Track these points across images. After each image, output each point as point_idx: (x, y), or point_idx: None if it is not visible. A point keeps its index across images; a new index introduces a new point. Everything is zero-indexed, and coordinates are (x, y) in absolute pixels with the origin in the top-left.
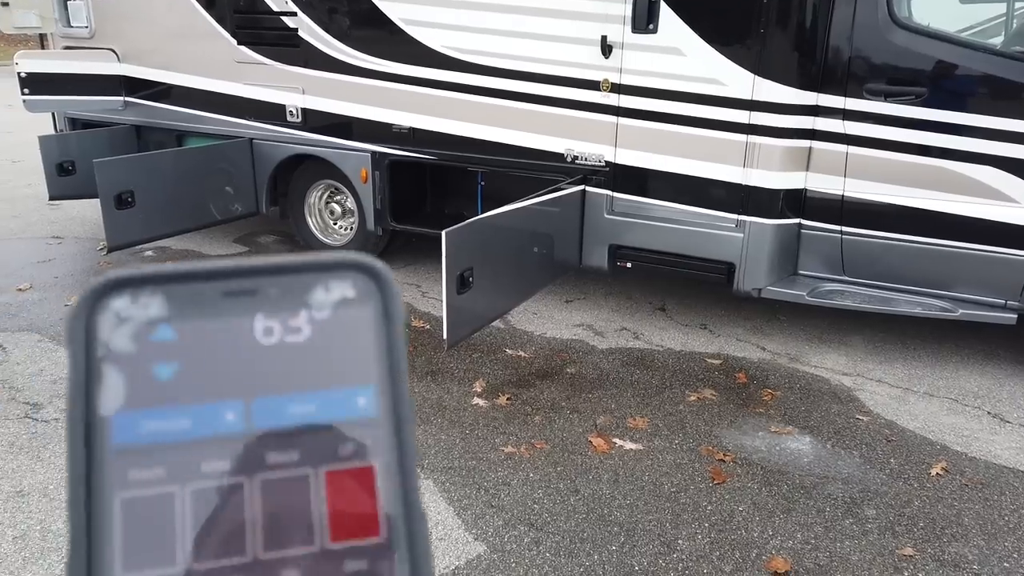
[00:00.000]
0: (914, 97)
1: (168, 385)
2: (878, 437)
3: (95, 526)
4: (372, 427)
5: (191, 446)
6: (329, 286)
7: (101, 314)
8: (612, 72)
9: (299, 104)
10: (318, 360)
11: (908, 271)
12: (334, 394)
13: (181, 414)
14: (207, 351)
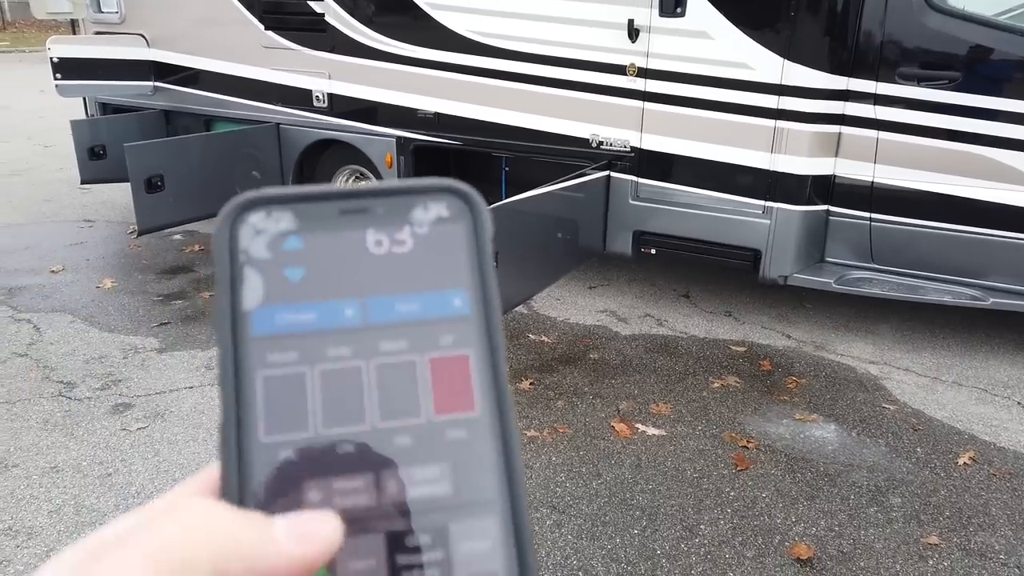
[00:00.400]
0: (947, 82)
1: (297, 286)
2: (904, 426)
3: (242, 399)
4: (466, 323)
5: (318, 336)
6: (428, 206)
7: (241, 227)
8: (639, 56)
9: (325, 89)
10: (420, 267)
11: (938, 259)
12: (434, 295)
13: (309, 309)
14: (328, 258)
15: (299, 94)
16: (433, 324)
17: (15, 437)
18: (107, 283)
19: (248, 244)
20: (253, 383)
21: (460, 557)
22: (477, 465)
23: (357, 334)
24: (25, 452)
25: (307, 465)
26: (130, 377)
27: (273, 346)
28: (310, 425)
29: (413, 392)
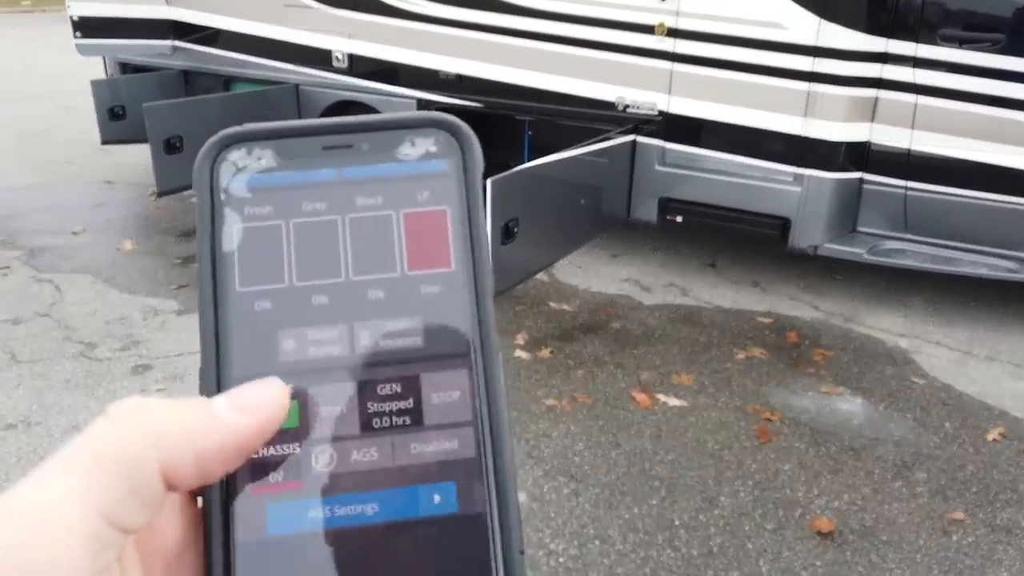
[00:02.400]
0: (991, 44)
1: (277, 222)
2: (933, 400)
3: (221, 329)
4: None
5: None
6: (415, 141)
7: (221, 164)
8: (668, 15)
9: (345, 49)
10: (407, 202)
11: (976, 230)
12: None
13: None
14: (311, 195)
15: (319, 54)
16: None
17: (38, 396)
18: (127, 245)
19: (228, 182)
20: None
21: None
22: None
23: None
24: (47, 411)
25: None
26: (150, 339)
27: (248, 201)
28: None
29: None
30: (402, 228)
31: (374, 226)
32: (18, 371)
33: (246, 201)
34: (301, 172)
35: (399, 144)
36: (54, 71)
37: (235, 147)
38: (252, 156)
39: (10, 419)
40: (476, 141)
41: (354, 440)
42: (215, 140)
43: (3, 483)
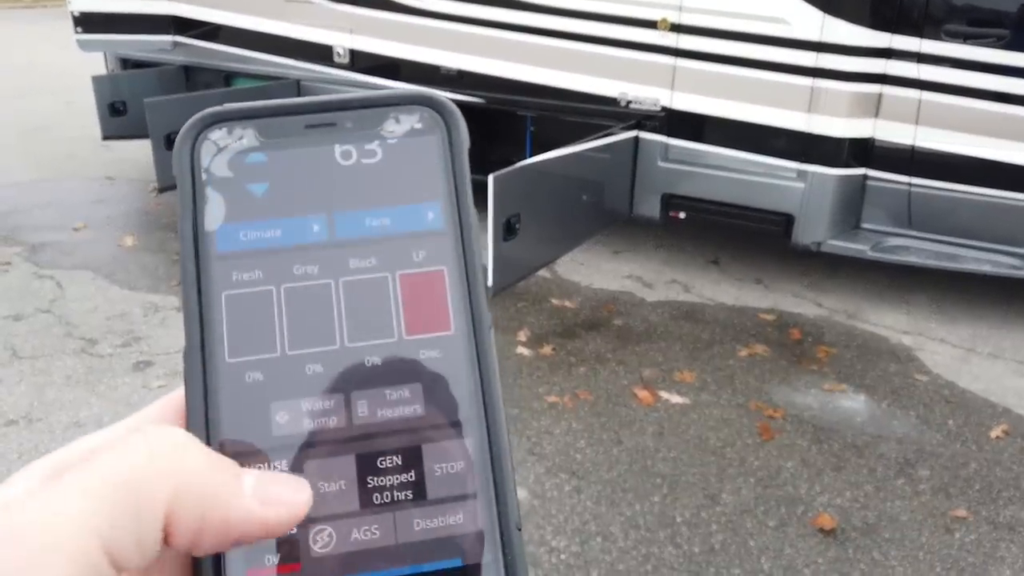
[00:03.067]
0: (996, 40)
1: (262, 203)
2: (937, 398)
3: (206, 320)
4: (440, 237)
5: (284, 252)
6: (400, 118)
7: (202, 144)
8: (671, 11)
9: (347, 45)
10: (391, 181)
11: (980, 226)
12: (406, 209)
13: (274, 226)
14: (294, 172)
15: (320, 50)
16: (405, 239)
17: (39, 392)
18: (128, 241)
19: (209, 162)
20: (218, 305)
21: (433, 479)
22: (452, 385)
23: (324, 250)
24: (48, 407)
25: (275, 387)
26: (151, 335)
27: (237, 264)
28: (276, 346)
29: (384, 310)
30: (392, 194)
31: (359, 198)
32: (19, 367)
33: (228, 181)
34: (282, 152)
35: (383, 121)
36: (55, 67)
37: (216, 127)
38: (233, 136)
39: (11, 415)
40: (461, 117)
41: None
42: (195, 120)
43: (3, 480)
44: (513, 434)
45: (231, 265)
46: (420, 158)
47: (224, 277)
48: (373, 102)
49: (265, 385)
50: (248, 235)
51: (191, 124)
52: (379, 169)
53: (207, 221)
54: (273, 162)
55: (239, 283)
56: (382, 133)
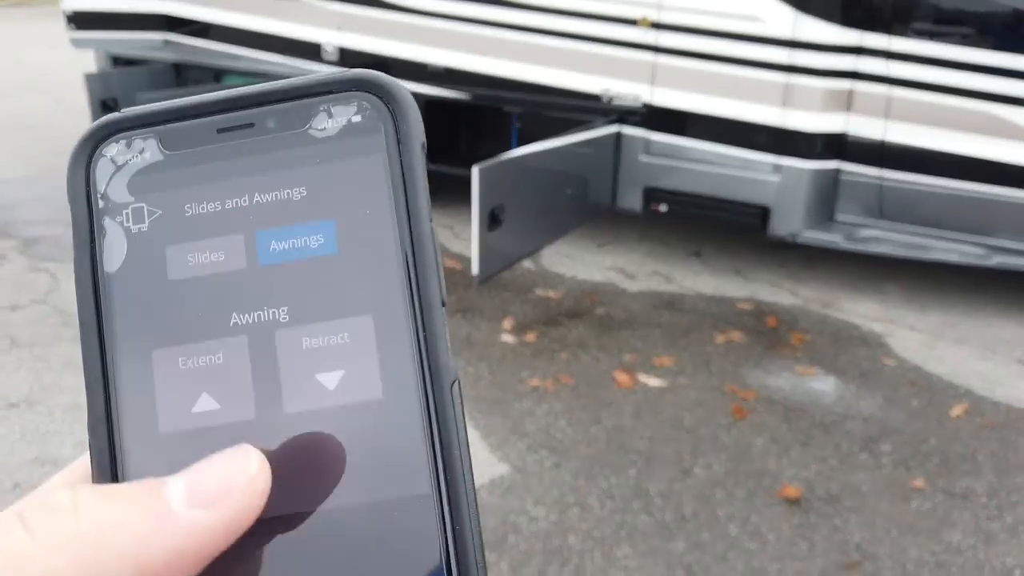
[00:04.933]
0: (960, 37)
1: (168, 232)
2: (903, 380)
3: (111, 382)
4: (383, 264)
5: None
6: (332, 111)
7: (97, 163)
8: (651, 8)
9: (335, 42)
10: (323, 192)
11: (948, 217)
12: (342, 228)
13: (184, 261)
14: (204, 192)
15: (309, 47)
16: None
17: (37, 377)
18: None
19: (106, 185)
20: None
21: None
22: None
23: (244, 286)
24: (47, 391)
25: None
26: None
27: (142, 310)
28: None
29: (308, 369)
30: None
31: (283, 219)
32: (18, 354)
33: (129, 207)
34: (191, 166)
35: (312, 116)
36: (42, 66)
37: (113, 140)
38: (133, 149)
39: (12, 399)
40: (412, 105)
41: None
42: (89, 133)
43: (8, 458)
44: (497, 415)
45: (137, 311)
46: (359, 161)
47: (128, 328)
48: (298, 92)
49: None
50: (155, 274)
51: (83, 139)
52: (307, 179)
53: (107, 260)
54: (180, 180)
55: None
56: (311, 132)
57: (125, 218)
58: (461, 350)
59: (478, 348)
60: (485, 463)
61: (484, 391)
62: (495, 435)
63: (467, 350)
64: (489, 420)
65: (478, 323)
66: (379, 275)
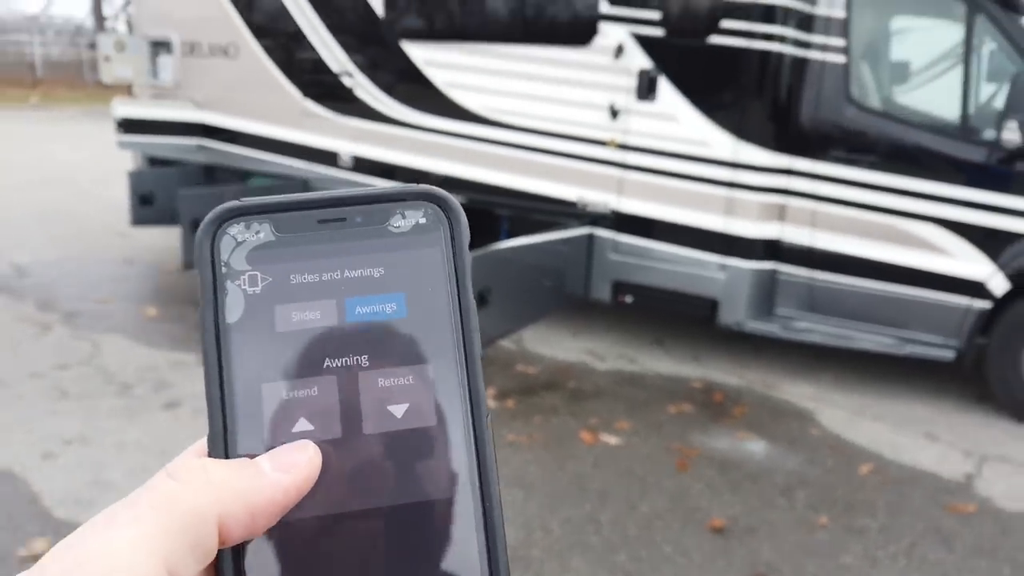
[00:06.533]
0: (868, 163)
1: (277, 294)
2: (824, 445)
3: (228, 408)
4: (434, 250)
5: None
6: (406, 213)
7: (221, 239)
8: (618, 132)
9: (351, 151)
10: (398, 271)
11: (867, 312)
12: (412, 298)
13: (290, 316)
14: (307, 266)
15: (327, 155)
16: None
17: (88, 422)
18: (151, 311)
19: (229, 256)
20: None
21: None
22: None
23: (336, 339)
24: (97, 431)
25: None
26: (178, 383)
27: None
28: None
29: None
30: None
31: (368, 289)
32: (69, 404)
33: (246, 274)
34: (299, 247)
35: (390, 216)
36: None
37: (234, 221)
38: (251, 230)
39: (67, 437)
40: (462, 212)
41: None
42: (215, 215)
43: (69, 482)
44: None
45: (250, 354)
46: (425, 251)
47: (243, 365)
48: (381, 198)
49: None
50: (265, 326)
51: (210, 219)
52: (387, 261)
53: (227, 314)
54: (288, 256)
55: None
56: (389, 228)
57: (243, 282)
58: None
59: None
60: None
61: None
62: None
63: None
64: None
65: None
66: (436, 334)
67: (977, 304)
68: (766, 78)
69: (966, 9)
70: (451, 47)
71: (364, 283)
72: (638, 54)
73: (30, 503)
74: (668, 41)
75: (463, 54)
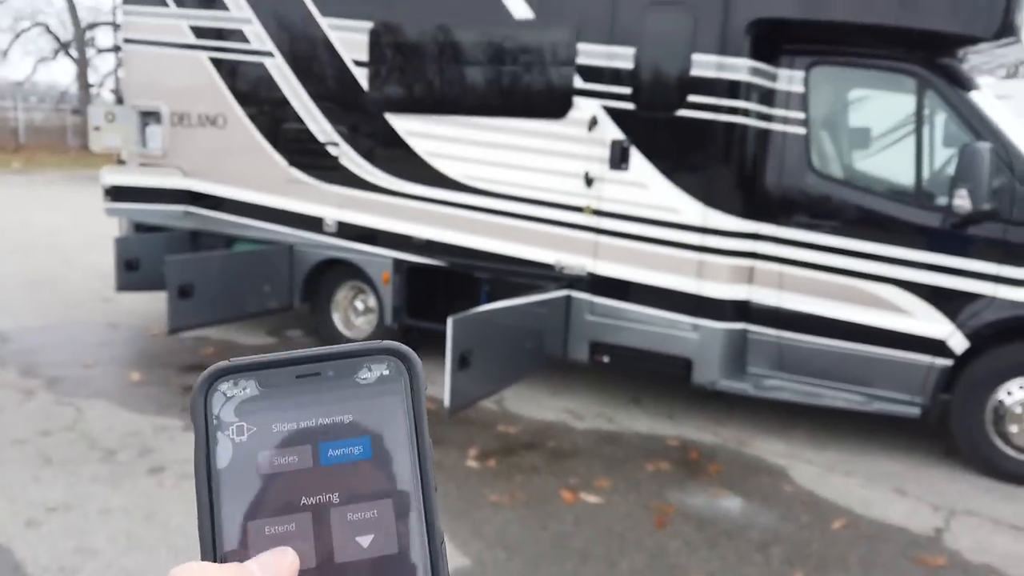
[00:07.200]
0: (830, 228)
1: (262, 441)
2: (797, 501)
3: (217, 540)
4: (396, 397)
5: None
6: (371, 367)
7: (213, 395)
8: (593, 199)
9: (336, 217)
10: (365, 417)
11: (835, 370)
12: (377, 439)
13: (271, 460)
14: (287, 415)
15: (312, 220)
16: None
17: (71, 488)
18: (135, 376)
19: (219, 410)
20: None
21: None
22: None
23: (312, 478)
24: (81, 498)
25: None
26: (162, 447)
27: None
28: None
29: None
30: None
31: (339, 434)
32: (53, 470)
33: (234, 425)
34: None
35: (358, 369)
36: (49, 227)
37: (224, 379)
38: (238, 387)
39: (51, 504)
40: (420, 364)
41: None
42: (208, 374)
43: (53, 548)
44: (461, 521)
45: (237, 494)
46: (388, 399)
47: (231, 505)
48: (350, 353)
49: None
50: (250, 470)
51: (204, 378)
52: (355, 409)
53: (218, 460)
54: (270, 408)
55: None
56: (357, 380)
57: (231, 432)
58: None
59: (447, 471)
60: (451, 556)
61: (451, 504)
62: (459, 536)
63: (437, 473)
64: (455, 525)
65: (448, 451)
66: (398, 472)
67: (939, 362)
68: (731, 149)
69: (916, 84)
70: (433, 119)
71: (335, 429)
72: (611, 126)
73: (14, 571)
74: (638, 114)
75: (445, 125)
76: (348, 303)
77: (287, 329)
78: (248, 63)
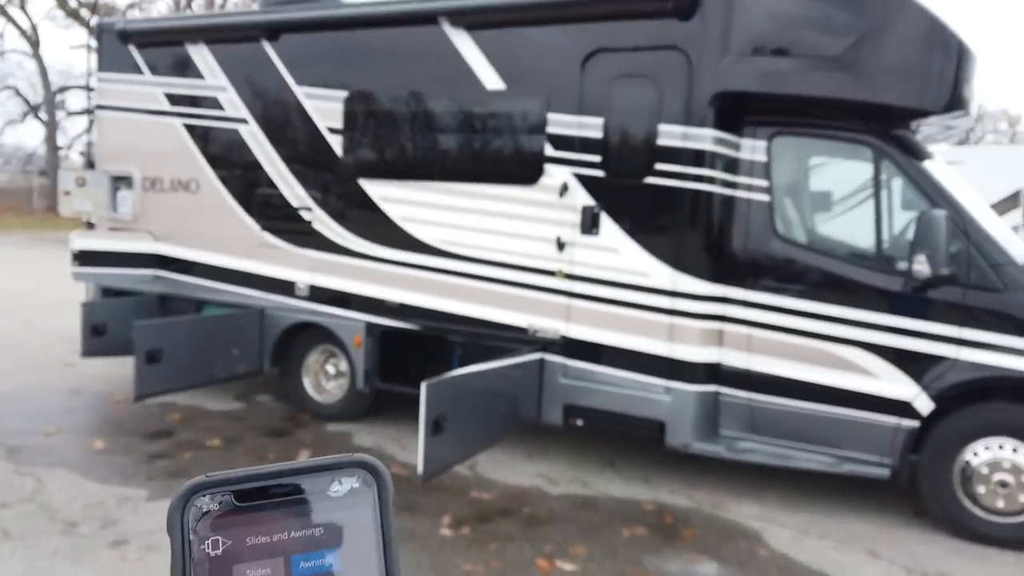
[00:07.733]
0: (796, 292)
1: (237, 555)
2: (772, 566)
3: None
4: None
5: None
6: (342, 480)
7: (189, 510)
8: (565, 263)
9: (307, 281)
10: (336, 527)
11: (805, 432)
12: (347, 551)
13: (241, 515)
14: (262, 528)
15: (284, 284)
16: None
17: (31, 563)
18: (98, 444)
19: (196, 524)
20: None
21: None
22: None
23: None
24: (41, 573)
25: None
26: (125, 519)
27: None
28: None
29: None
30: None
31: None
32: (11, 545)
33: (209, 539)
34: (254, 513)
35: (330, 483)
36: (11, 290)
37: (201, 494)
38: (215, 501)
39: None
40: (388, 476)
41: None
42: (185, 489)
43: None
44: None
45: None
46: (357, 511)
47: None
48: (322, 468)
49: None
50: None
51: (181, 493)
52: (326, 521)
53: (194, 573)
54: (244, 522)
55: None
56: (328, 493)
57: (207, 546)
58: (405, 542)
59: (420, 540)
60: None
61: (425, 574)
62: None
63: (410, 542)
64: None
65: (421, 519)
66: None
67: (906, 423)
68: (698, 215)
69: (872, 153)
70: (407, 184)
71: (307, 541)
72: (581, 193)
73: None
74: (608, 181)
75: (418, 191)
76: (319, 367)
77: (256, 394)
78: (222, 129)
